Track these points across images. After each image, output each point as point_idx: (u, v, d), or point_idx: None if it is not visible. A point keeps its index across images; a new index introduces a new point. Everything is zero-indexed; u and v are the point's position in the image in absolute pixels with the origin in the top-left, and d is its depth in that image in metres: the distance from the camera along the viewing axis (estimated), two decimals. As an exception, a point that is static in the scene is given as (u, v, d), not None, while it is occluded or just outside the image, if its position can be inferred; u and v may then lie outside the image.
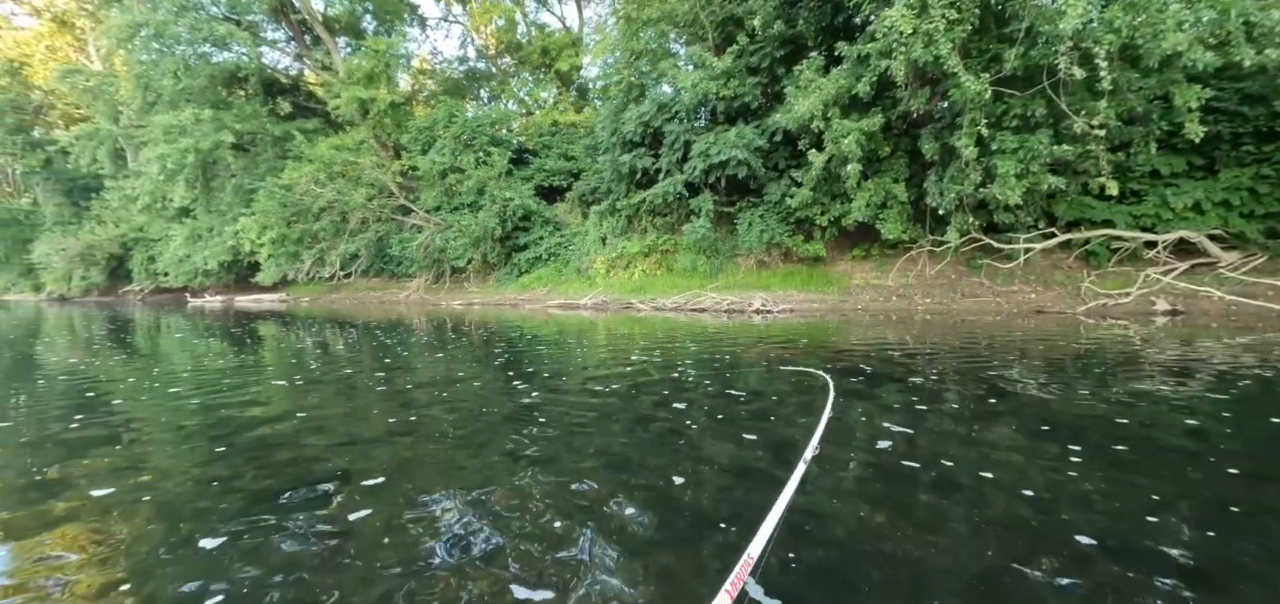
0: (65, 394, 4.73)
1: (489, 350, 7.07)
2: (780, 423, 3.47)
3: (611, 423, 3.48)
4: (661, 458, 2.89)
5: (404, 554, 1.90)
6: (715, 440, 3.18)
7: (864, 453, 2.91)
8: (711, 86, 13.58)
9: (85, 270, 30.35)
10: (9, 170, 37.42)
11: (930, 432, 3.27)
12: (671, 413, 3.72)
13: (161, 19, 21.55)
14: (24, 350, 8.09)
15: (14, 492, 2.50)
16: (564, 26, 29.58)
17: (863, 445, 3.05)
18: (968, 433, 3.25)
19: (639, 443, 3.14)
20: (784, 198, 13.81)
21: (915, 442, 3.07)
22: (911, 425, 3.35)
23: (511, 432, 3.35)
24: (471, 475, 2.68)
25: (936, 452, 2.90)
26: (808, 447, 2.44)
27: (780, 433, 3.27)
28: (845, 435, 3.22)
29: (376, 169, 21.87)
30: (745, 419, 3.55)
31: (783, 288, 13.65)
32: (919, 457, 2.83)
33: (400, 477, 2.64)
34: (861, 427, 3.41)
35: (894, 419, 3.50)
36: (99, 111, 26.99)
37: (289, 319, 13.77)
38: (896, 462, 2.78)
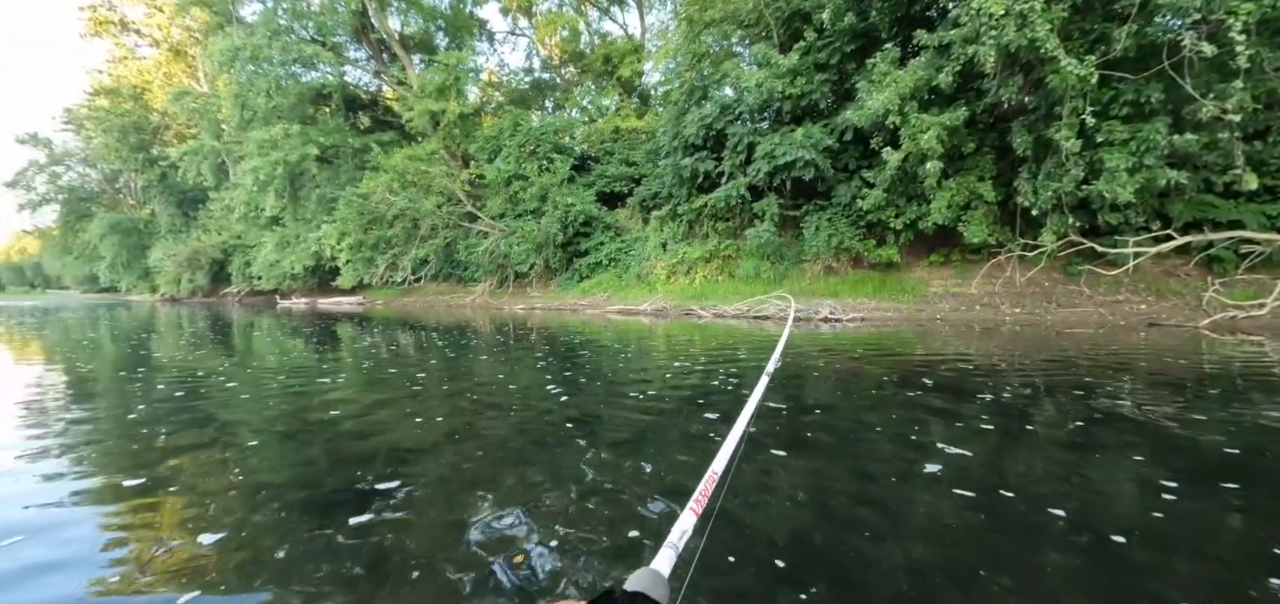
0: (171, 381, 5.25)
1: (548, 354, 6.95)
2: (861, 445, 3.06)
3: (671, 437, 3.19)
4: (747, 481, 2.56)
5: (458, 552, 1.91)
6: (784, 456, 2.82)
7: (908, 475, 2.49)
8: (777, 85, 13.07)
9: (191, 274, 33.28)
10: (132, 184, 41.74)
11: (1001, 455, 2.79)
12: (755, 428, 3.38)
13: (257, 43, 23.34)
14: (141, 343, 8.84)
15: (127, 455, 3.01)
16: (626, 34, 29.77)
17: (907, 465, 2.62)
18: (1051, 461, 2.78)
19: (700, 461, 2.83)
20: (854, 200, 13.07)
21: (976, 466, 2.60)
22: (973, 447, 2.88)
23: (568, 440, 3.14)
24: (527, 481, 2.54)
25: (1003, 479, 2.46)
26: (770, 360, 2.39)
27: (863, 454, 2.87)
28: (893, 452, 2.82)
29: (446, 178, 22.67)
30: (820, 436, 3.17)
31: (852, 295, 12.88)
32: (976, 483, 2.38)
33: (459, 476, 2.55)
34: (914, 445, 2.96)
35: (956, 438, 3.02)
36: (204, 129, 29.59)
37: (364, 321, 14.35)
38: (946, 488, 2.36)
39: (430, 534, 2.02)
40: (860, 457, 2.89)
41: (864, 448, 3.01)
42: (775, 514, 2.23)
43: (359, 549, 1.88)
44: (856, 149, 13.20)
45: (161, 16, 36.66)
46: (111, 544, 1.98)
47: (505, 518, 2.15)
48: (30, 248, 73.29)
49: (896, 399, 4.20)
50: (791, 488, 2.47)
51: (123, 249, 39.20)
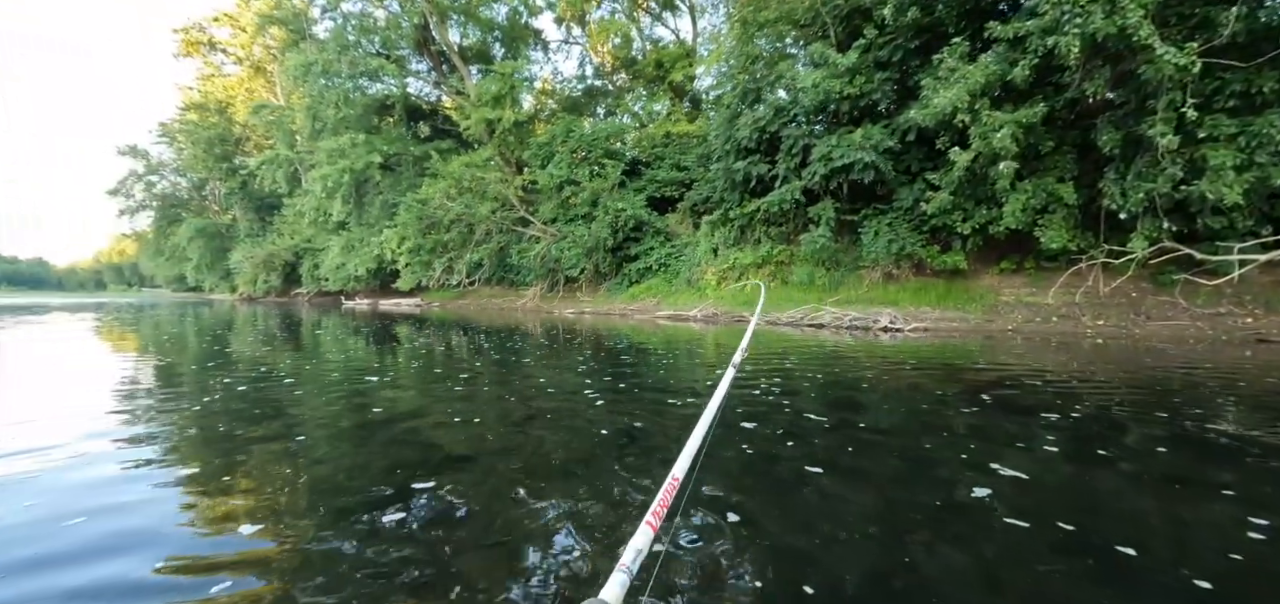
0: (245, 373, 5.66)
1: (596, 360, 6.89)
2: (912, 465, 2.79)
3: (723, 452, 3.01)
4: (785, 501, 2.38)
5: (503, 551, 1.90)
6: (818, 473, 2.61)
7: (956, 500, 2.22)
8: (835, 85, 12.63)
9: (266, 275, 35.45)
10: (217, 192, 44.97)
11: (1068, 483, 2.48)
12: (793, 442, 3.17)
13: (328, 58, 24.67)
14: (221, 339, 9.45)
15: (204, 440, 3.29)
16: (678, 39, 29.69)
17: (958, 489, 2.33)
18: (1130, 493, 2.40)
19: (757, 480, 2.65)
20: (917, 203, 12.45)
21: (1036, 493, 2.29)
22: (1036, 472, 2.57)
23: (613, 451, 3.03)
24: (572, 493, 2.44)
25: (1068, 510, 2.20)
26: (736, 352, 2.31)
27: (912, 476, 2.61)
28: (947, 475, 2.55)
29: (500, 184, 23.21)
30: (864, 453, 2.92)
31: (914, 303, 12.26)
32: (1034, 512, 2.12)
33: (504, 484, 2.48)
34: (970, 466, 2.67)
35: (1018, 462, 2.72)
36: (279, 140, 31.52)
37: (421, 322, 14.79)
38: (997, 517, 2.14)
39: (472, 543, 1.98)
40: (907, 478, 2.64)
41: (914, 469, 2.75)
42: (804, 536, 2.06)
43: (405, 558, 1.87)
44: (920, 150, 12.58)
45: (244, 36, 39.34)
46: (181, 524, 2.10)
47: (548, 530, 2.08)
48: (129, 250, 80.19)
49: (957, 416, 3.88)
50: (825, 508, 2.28)
51: (207, 251, 42.29)
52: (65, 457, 2.92)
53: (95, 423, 3.63)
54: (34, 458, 2.88)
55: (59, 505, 2.26)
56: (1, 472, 2.66)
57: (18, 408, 4.07)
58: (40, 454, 2.95)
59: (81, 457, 2.91)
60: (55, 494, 2.39)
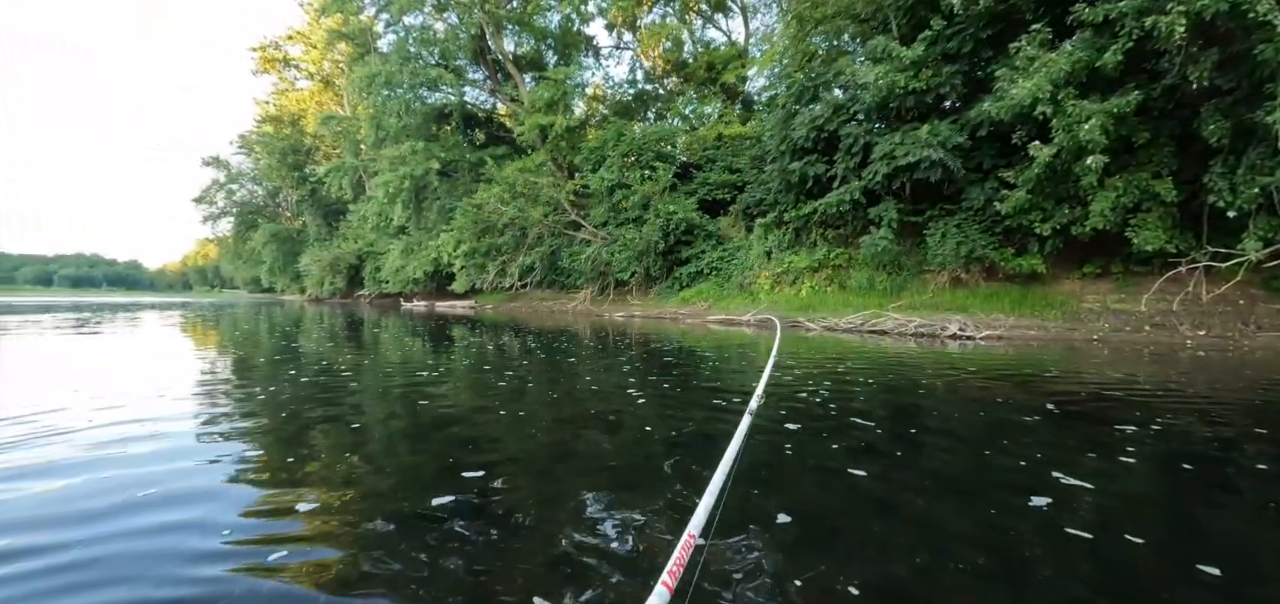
0: (310, 368, 5.95)
1: (646, 362, 6.74)
2: (975, 481, 2.48)
3: (786, 467, 2.79)
4: (863, 527, 2.15)
5: (548, 552, 1.85)
6: (861, 475, 2.34)
7: (1026, 518, 1.90)
8: (898, 80, 12.05)
9: (332, 277, 37.26)
10: (289, 199, 47.74)
11: (1155, 504, 2.11)
12: (866, 457, 2.92)
13: (391, 69, 25.75)
14: (291, 337, 10.01)
15: (271, 427, 3.44)
16: (729, 40, 29.35)
17: (1027, 508, 1.99)
18: (1227, 516, 2.01)
19: (821, 499, 2.42)
20: (989, 203, 11.72)
21: (1109, 507, 1.93)
22: (1116, 489, 2.21)
23: (663, 454, 2.86)
24: (622, 492, 2.34)
25: (1153, 533, 1.85)
26: (752, 399, 2.22)
27: (972, 491, 2.30)
28: (1009, 497, 2.25)
29: (552, 188, 23.52)
30: (918, 464, 2.63)
31: (985, 310, 11.52)
32: (1107, 530, 1.74)
33: (555, 494, 2.38)
34: (1041, 486, 2.32)
35: (1098, 481, 2.35)
36: (345, 149, 33.11)
37: (475, 323, 15.08)
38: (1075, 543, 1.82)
39: (516, 542, 1.93)
40: (964, 484, 2.34)
41: (976, 485, 2.44)
42: (840, 541, 1.91)
43: (449, 547, 1.86)
44: (992, 146, 11.84)
45: (315, 52, 41.64)
46: (248, 510, 2.18)
47: (593, 532, 2.00)
48: (211, 253, 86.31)
49: (1028, 427, 3.52)
50: (867, 513, 2.04)
51: (280, 255, 44.92)
52: (147, 434, 3.20)
53: (177, 408, 3.93)
54: (120, 437, 3.14)
55: (138, 476, 2.48)
56: (91, 448, 2.91)
57: (112, 393, 4.35)
58: (127, 432, 3.22)
59: (160, 435, 3.18)
60: (134, 467, 2.61)
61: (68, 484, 2.38)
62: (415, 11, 26.86)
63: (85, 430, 3.26)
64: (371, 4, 27.54)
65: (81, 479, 2.45)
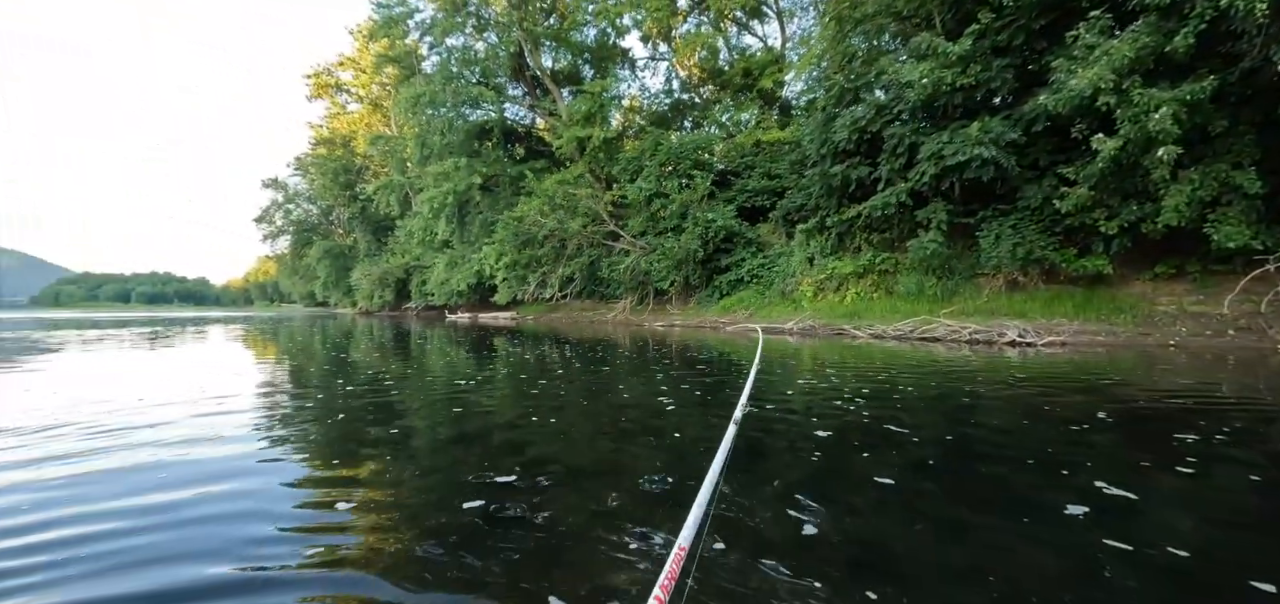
0: (361, 376, 6.18)
1: (686, 373, 6.62)
2: (1086, 504, 2.25)
3: (834, 483, 2.64)
4: (925, 554, 1.99)
5: (586, 562, 1.83)
6: (889, 483, 2.15)
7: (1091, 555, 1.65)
8: (945, 76, 11.61)
9: (381, 291, 38.63)
10: (341, 216, 49.87)
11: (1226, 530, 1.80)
12: (920, 475, 2.73)
13: (434, 89, 26.60)
14: (343, 348, 10.44)
15: (323, 434, 3.57)
16: (766, 46, 29.05)
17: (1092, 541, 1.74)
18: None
19: (876, 523, 2.26)
20: (1047, 201, 11.11)
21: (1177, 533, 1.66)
22: (1179, 497, 1.90)
23: (697, 469, 2.74)
24: (661, 503, 2.22)
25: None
26: (736, 408, 2.19)
27: (1026, 514, 2.09)
28: (1069, 520, 1.96)
29: (591, 199, 23.72)
30: (1025, 491, 2.41)
31: (1045, 314, 10.89)
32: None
33: (600, 509, 2.26)
34: (1091, 481, 2.04)
35: (1157, 482, 2.05)
36: (393, 167, 34.34)
37: (517, 334, 15.28)
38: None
39: (553, 552, 1.90)
40: (1037, 513, 2.11)
41: (1046, 505, 2.22)
42: (906, 565, 1.72)
43: (485, 564, 1.85)
44: (1049, 141, 11.24)
45: (364, 76, 43.51)
46: (301, 503, 2.34)
47: (627, 542, 1.94)
48: (270, 270, 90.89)
49: (1102, 441, 3.24)
50: (932, 539, 1.84)
51: (332, 270, 46.92)
52: (209, 434, 3.48)
53: (239, 413, 4.15)
54: (186, 438, 3.39)
55: (201, 473, 2.69)
56: (160, 449, 3.13)
57: (180, 399, 4.61)
58: (191, 433, 3.48)
59: (220, 438, 3.42)
60: (196, 466, 2.81)
61: (139, 478, 2.62)
62: (456, 33, 27.71)
63: (151, 429, 3.56)
64: (416, 28, 28.54)
65: (162, 474, 2.68)
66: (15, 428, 3.62)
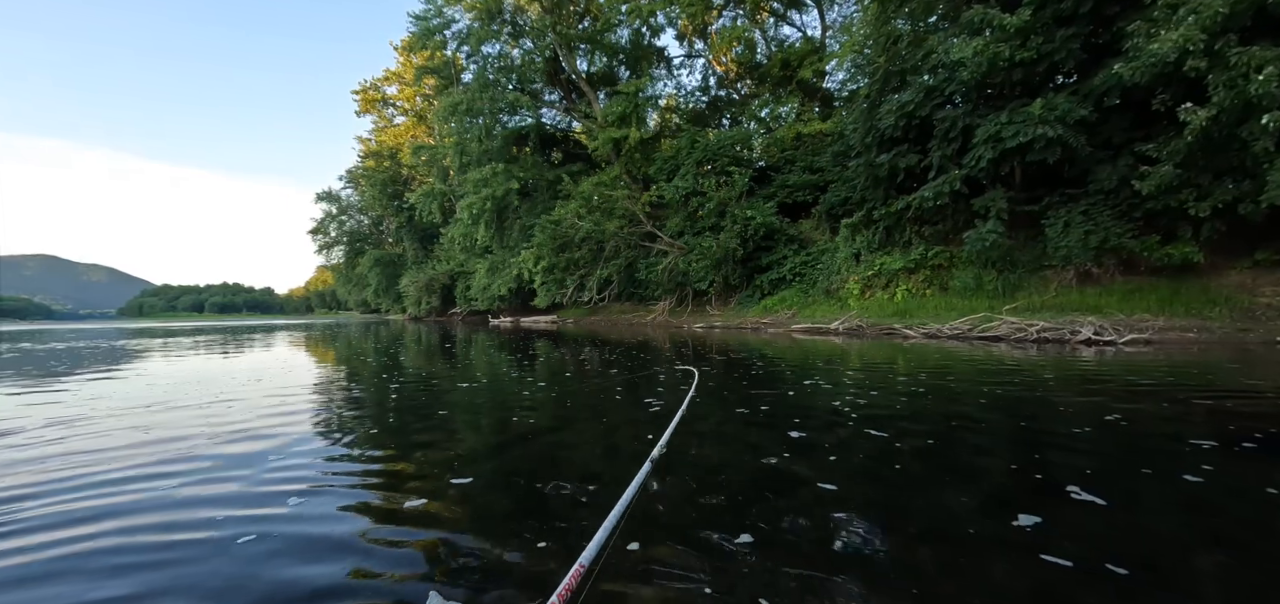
0: (410, 378, 6.43)
1: (731, 380, 6.15)
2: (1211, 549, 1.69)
3: (895, 514, 2.15)
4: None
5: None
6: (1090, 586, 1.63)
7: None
8: (1002, 51, 10.66)
9: (428, 297, 39.56)
10: (389, 226, 51.52)
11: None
12: (995, 511, 2.20)
13: (472, 97, 26.93)
14: (394, 352, 10.64)
15: (383, 432, 3.73)
16: (805, 35, 27.99)
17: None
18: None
19: (954, 582, 1.77)
20: (1123, 184, 10.04)
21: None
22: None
23: (752, 479, 2.31)
24: (708, 517, 1.82)
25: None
26: (657, 444, 2.25)
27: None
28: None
29: (628, 200, 23.44)
30: (1128, 539, 1.86)
31: (1123, 309, 9.83)
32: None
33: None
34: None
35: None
36: (434, 176, 35.06)
37: (557, 337, 15.13)
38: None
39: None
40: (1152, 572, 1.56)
41: (1163, 550, 1.66)
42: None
43: (537, 552, 1.87)
44: (1124, 116, 10.16)
45: (408, 90, 44.74)
46: (357, 505, 2.37)
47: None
48: (328, 279, 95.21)
49: (1192, 456, 2.59)
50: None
51: (382, 278, 48.48)
52: (272, 430, 3.74)
53: (299, 413, 4.42)
54: (253, 441, 3.54)
55: (278, 475, 2.78)
56: (236, 449, 3.31)
57: (249, 404, 4.81)
58: (258, 437, 3.62)
59: (279, 433, 3.67)
60: (267, 470, 2.89)
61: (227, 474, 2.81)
62: (492, 41, 27.98)
63: (214, 430, 3.80)
64: (453, 38, 28.98)
65: (247, 471, 2.83)
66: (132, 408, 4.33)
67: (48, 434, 3.65)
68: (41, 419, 4.16)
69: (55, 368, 8.28)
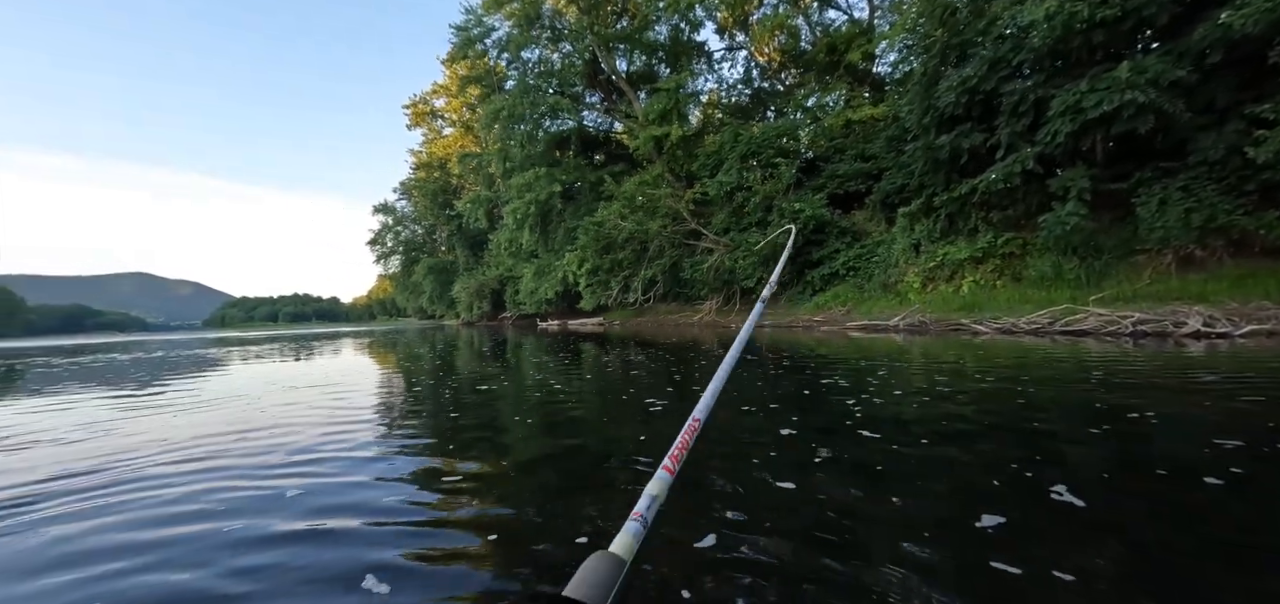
0: (468, 384, 6.53)
1: (777, 377, 5.62)
2: None
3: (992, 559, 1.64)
4: None
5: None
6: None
7: None
8: (1079, 10, 9.56)
9: (479, 302, 40.42)
10: (441, 234, 53.06)
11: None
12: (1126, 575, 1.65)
13: (513, 103, 27.18)
14: (449, 354, 11.11)
15: (433, 441, 3.71)
16: (851, 17, 26.61)
17: None
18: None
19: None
20: (1231, 153, 8.80)
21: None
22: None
23: (809, 487, 1.86)
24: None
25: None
26: (766, 287, 1.97)
27: None
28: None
29: (671, 198, 22.98)
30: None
31: (1235, 296, 8.61)
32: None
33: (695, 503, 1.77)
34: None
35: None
36: (480, 183, 35.70)
37: (604, 340, 14.87)
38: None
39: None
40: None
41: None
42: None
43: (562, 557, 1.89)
44: (1232, 76, 8.89)
45: (455, 101, 45.87)
46: (412, 502, 2.46)
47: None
48: (387, 288, 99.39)
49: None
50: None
51: (436, 284, 49.95)
52: (338, 444, 3.72)
53: (363, 415, 4.68)
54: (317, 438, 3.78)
55: (340, 475, 2.91)
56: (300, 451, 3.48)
57: (315, 406, 5.16)
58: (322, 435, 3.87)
59: (351, 442, 3.71)
60: (331, 465, 3.09)
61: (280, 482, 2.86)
62: (531, 47, 28.13)
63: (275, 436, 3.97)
64: (493, 46, 29.33)
65: (301, 479, 2.88)
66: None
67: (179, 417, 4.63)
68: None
69: (165, 371, 9.41)
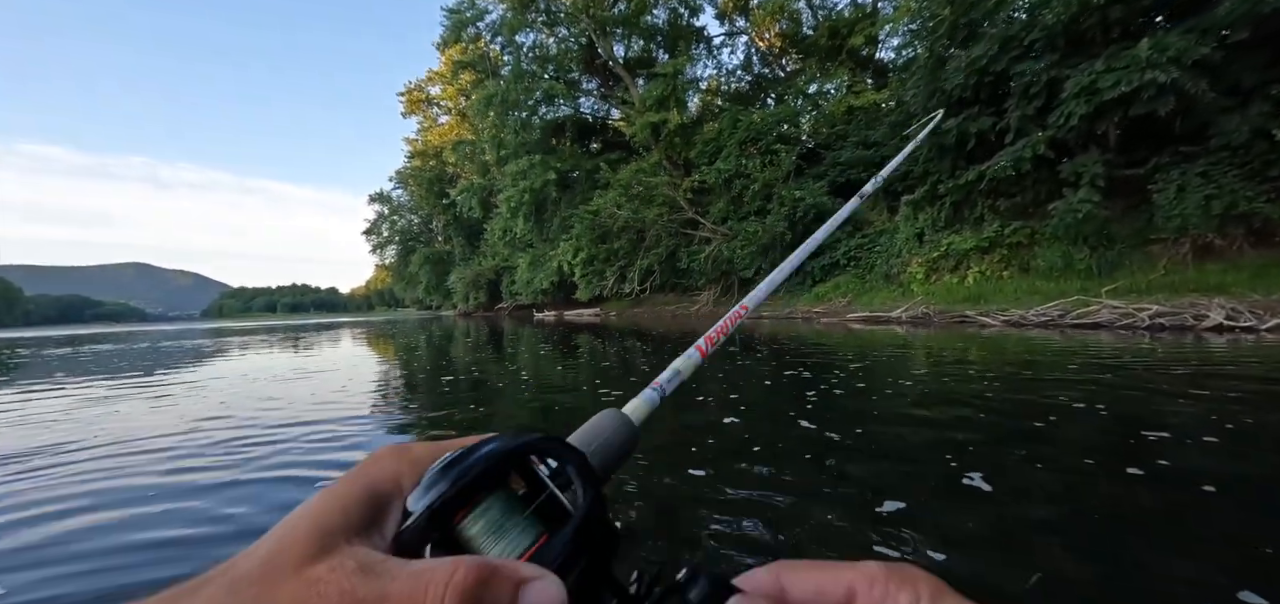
0: (465, 373, 6.50)
1: (783, 381, 5.19)
2: None
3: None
4: None
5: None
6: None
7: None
8: (1097, -13, 9.05)
9: (475, 292, 40.01)
10: (437, 224, 52.50)
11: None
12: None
13: (507, 88, 26.60)
14: (446, 345, 11.09)
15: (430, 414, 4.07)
16: (854, 2, 25.94)
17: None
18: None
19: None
20: (1258, 135, 8.32)
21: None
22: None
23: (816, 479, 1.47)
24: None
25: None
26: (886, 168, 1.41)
27: None
28: None
29: (668, 187, 22.49)
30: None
31: (1256, 288, 8.17)
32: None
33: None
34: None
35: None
36: (473, 170, 35.16)
37: (600, 330, 14.47)
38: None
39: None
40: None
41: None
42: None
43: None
44: (1258, 53, 8.40)
45: (450, 88, 45.19)
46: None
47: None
48: (385, 278, 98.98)
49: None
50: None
51: (433, 275, 49.47)
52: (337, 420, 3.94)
53: (365, 398, 4.92)
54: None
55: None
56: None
57: (317, 390, 5.39)
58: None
59: (346, 419, 3.95)
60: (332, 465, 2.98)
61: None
62: (526, 30, 27.50)
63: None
64: (487, 29, 28.71)
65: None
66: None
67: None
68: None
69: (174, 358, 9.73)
